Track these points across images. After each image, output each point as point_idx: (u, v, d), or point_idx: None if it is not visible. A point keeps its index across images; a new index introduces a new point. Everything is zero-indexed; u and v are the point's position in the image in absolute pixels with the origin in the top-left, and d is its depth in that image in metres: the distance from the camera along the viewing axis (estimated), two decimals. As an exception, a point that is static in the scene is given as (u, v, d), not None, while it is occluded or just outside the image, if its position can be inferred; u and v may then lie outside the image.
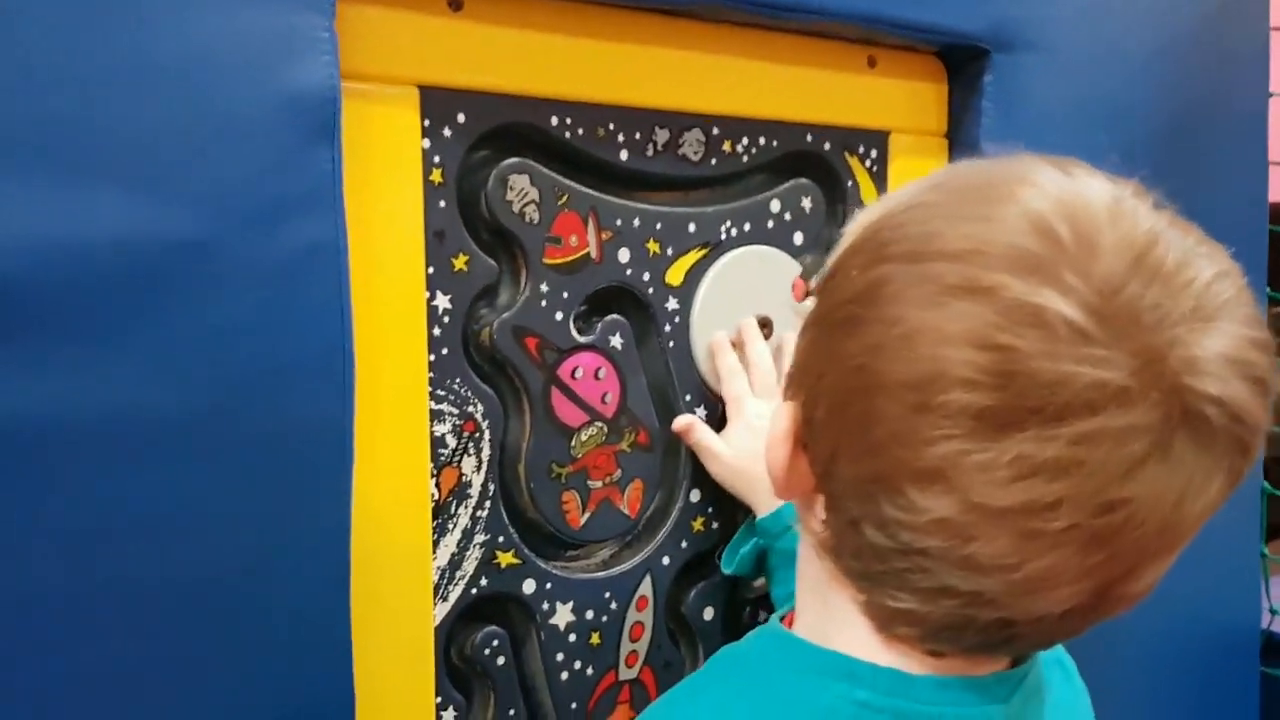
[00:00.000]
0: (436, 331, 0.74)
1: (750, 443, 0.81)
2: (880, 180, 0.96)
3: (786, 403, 0.48)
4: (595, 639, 0.83)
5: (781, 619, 0.55)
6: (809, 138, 0.91)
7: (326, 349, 0.63)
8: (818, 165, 0.92)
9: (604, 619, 0.83)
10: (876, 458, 0.42)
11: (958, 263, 0.41)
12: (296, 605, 0.63)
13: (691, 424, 0.85)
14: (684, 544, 0.87)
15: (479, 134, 0.75)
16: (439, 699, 0.75)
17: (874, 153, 0.95)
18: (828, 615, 0.49)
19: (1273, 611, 1.32)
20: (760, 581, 0.89)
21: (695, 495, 0.88)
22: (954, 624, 0.44)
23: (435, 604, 0.75)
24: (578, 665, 0.82)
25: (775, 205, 0.90)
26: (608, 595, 0.83)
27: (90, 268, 0.55)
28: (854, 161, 0.95)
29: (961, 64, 0.97)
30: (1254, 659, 1.28)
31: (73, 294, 0.55)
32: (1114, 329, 0.38)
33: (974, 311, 0.39)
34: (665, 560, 0.86)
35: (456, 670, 0.77)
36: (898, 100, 0.96)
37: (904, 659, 0.47)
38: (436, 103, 0.72)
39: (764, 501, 0.81)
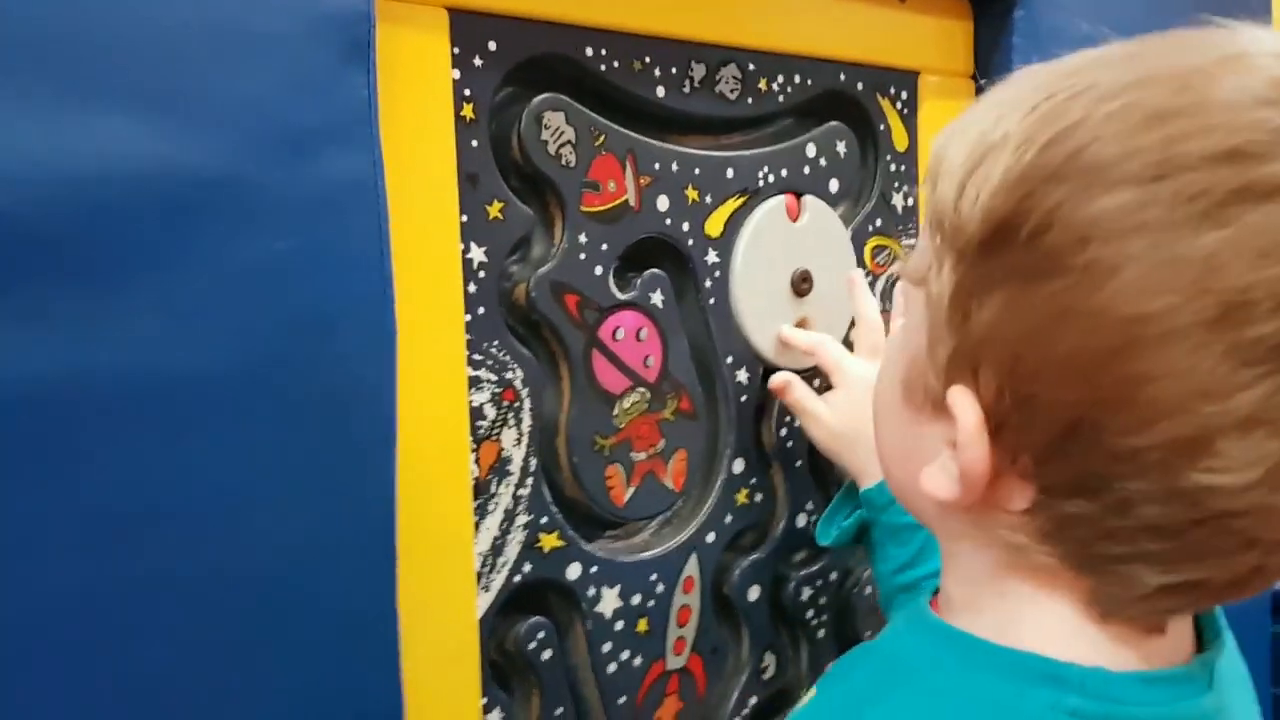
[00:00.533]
0: (472, 288, 0.65)
1: (856, 406, 0.73)
2: (910, 124, 0.90)
3: (959, 392, 0.39)
4: (642, 626, 0.75)
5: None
6: (842, 77, 0.85)
7: (367, 298, 0.54)
8: (851, 107, 0.86)
9: (650, 604, 0.76)
10: (1163, 421, 0.35)
11: (1223, 166, 0.34)
12: (341, 598, 0.55)
13: (789, 382, 0.78)
14: (729, 519, 0.80)
15: (511, 65, 0.66)
16: (485, 699, 0.67)
17: (904, 94, 0.89)
18: (1011, 609, 0.42)
19: None
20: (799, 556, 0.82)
21: (739, 466, 0.81)
22: (1236, 580, 0.37)
23: (478, 594, 0.67)
24: (625, 655, 0.75)
25: (811, 150, 0.83)
26: (654, 578, 0.76)
27: (100, 205, 0.46)
28: (885, 104, 0.88)
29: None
30: (1265, 616, 1.26)
31: (80, 235, 0.46)
32: None
33: (1269, 218, 0.33)
34: (710, 537, 0.79)
35: (499, 666, 0.69)
36: (927, 38, 0.90)
37: (1112, 649, 0.40)
38: (467, 27, 0.64)
39: (869, 470, 0.73)
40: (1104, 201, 0.35)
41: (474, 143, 0.65)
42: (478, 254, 0.65)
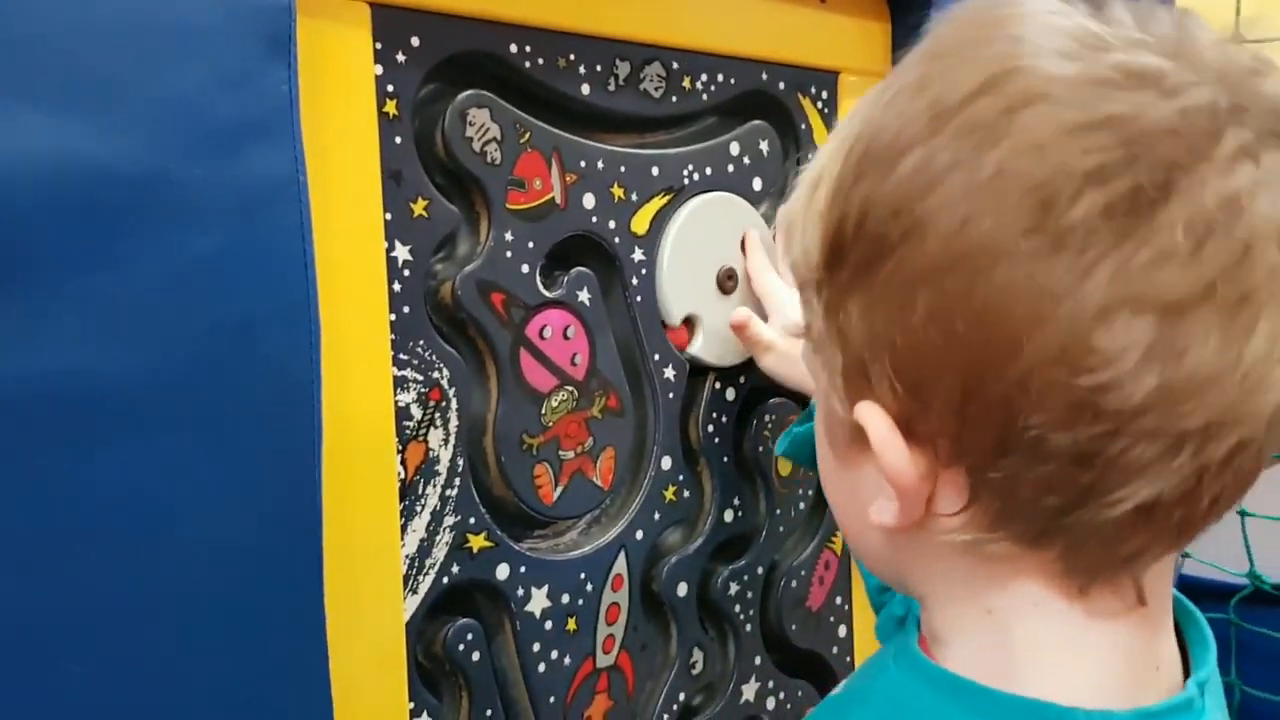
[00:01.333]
0: (397, 287, 0.64)
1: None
2: (831, 123, 0.91)
3: (866, 406, 0.39)
4: (571, 625, 0.75)
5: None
6: (764, 76, 0.85)
7: (291, 298, 0.53)
8: (773, 107, 0.87)
9: (580, 602, 0.76)
10: (1031, 341, 0.35)
11: (982, 97, 0.36)
12: (268, 603, 0.54)
13: (750, 317, 0.81)
14: (657, 515, 0.81)
15: (435, 61, 0.66)
16: (412, 704, 0.66)
17: (825, 94, 0.90)
18: (998, 629, 0.41)
19: (1256, 576, 1.33)
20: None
21: (667, 463, 0.81)
22: (1185, 493, 0.36)
23: (405, 597, 0.66)
24: (554, 655, 0.74)
25: (735, 148, 0.84)
26: (583, 576, 0.76)
27: (13, 204, 0.44)
28: (806, 103, 0.89)
29: (904, 1, 0.93)
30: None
31: (-10, 236, 0.44)
32: (1190, 62, 0.36)
33: (1035, 119, 0.35)
34: (639, 534, 0.79)
35: (427, 670, 0.69)
36: (846, 39, 0.91)
37: (1111, 663, 0.40)
38: (389, 22, 0.63)
39: None
40: (898, 173, 0.37)
41: (397, 139, 0.64)
42: (402, 252, 0.65)
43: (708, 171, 0.82)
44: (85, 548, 0.48)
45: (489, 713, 0.71)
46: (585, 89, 0.74)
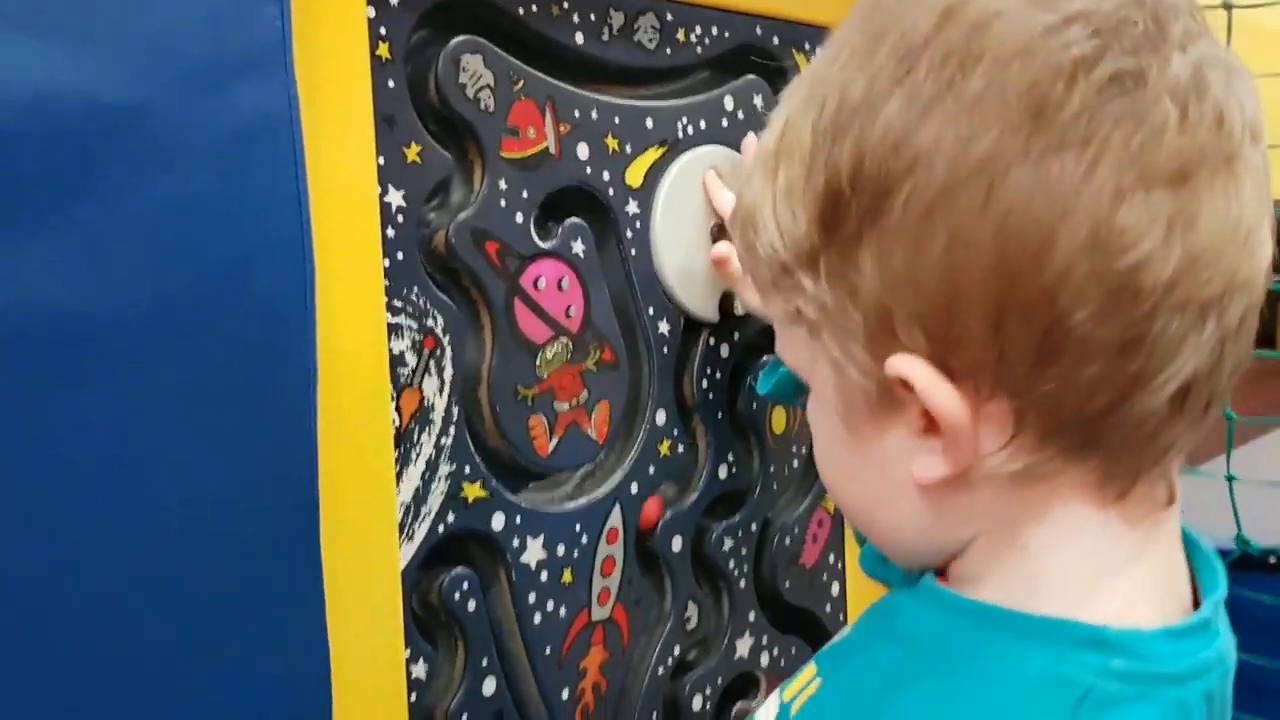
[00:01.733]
0: (390, 232, 0.64)
1: None
2: (825, 80, 0.91)
3: (900, 358, 0.38)
4: (567, 577, 0.75)
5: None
6: (758, 30, 0.85)
7: (284, 238, 0.53)
8: (767, 61, 0.86)
9: (575, 554, 0.76)
10: (1060, 235, 0.35)
11: (948, 27, 0.37)
12: (264, 549, 0.54)
13: (730, 252, 0.78)
14: (651, 470, 0.80)
15: (428, 5, 0.65)
16: (408, 651, 0.66)
17: (818, 49, 0.90)
18: (1034, 561, 0.40)
19: (1244, 541, 1.33)
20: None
21: (661, 418, 0.81)
22: (1211, 366, 0.37)
23: (401, 544, 0.66)
24: (550, 606, 0.74)
25: (729, 102, 0.84)
26: (578, 528, 0.76)
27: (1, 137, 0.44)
28: (800, 58, 0.89)
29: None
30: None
31: (-21, 162, 0.43)
32: None
33: (1003, 31, 0.36)
34: (634, 488, 0.79)
35: (423, 620, 0.68)
36: (841, -6, 0.91)
37: (1135, 589, 0.40)
38: (382, -36, 0.62)
39: None
40: (885, 115, 0.37)
41: (390, 83, 0.63)
42: (395, 198, 0.64)
43: (701, 125, 0.81)
44: (72, 485, 0.47)
45: (485, 662, 0.71)
46: (579, 38, 0.73)
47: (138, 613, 0.50)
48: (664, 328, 0.80)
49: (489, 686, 0.71)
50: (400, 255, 0.64)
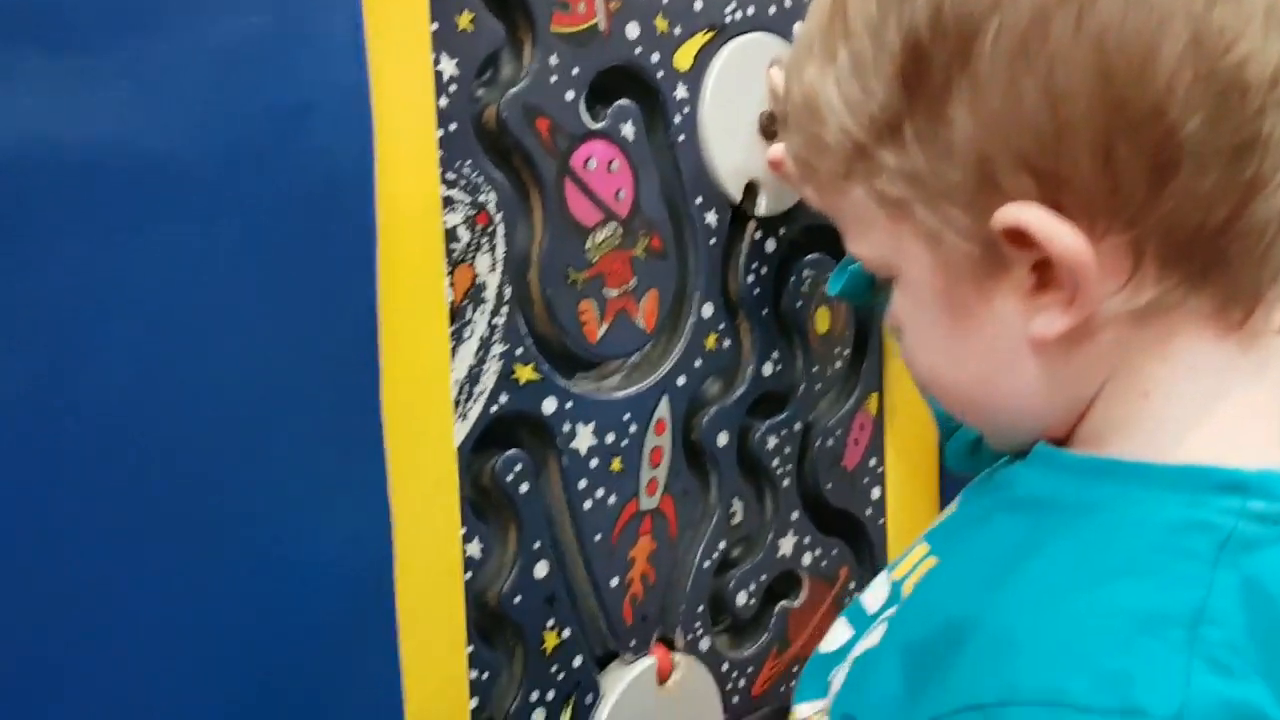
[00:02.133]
0: (443, 102, 0.63)
1: None
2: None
3: (1006, 211, 0.37)
4: (616, 465, 0.75)
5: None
6: (805, -82, 0.83)
7: (345, 85, 0.52)
8: (814, -50, 0.84)
9: (624, 443, 0.75)
10: (1162, 41, 0.35)
11: None
12: (325, 396, 0.53)
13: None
14: (698, 363, 0.80)
15: None
16: (464, 529, 0.66)
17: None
18: (1155, 415, 0.39)
19: None
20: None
21: (708, 310, 0.80)
22: None
23: (455, 423, 0.65)
24: (600, 493, 0.74)
25: (777, -12, 0.82)
26: (627, 417, 0.75)
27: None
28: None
29: None
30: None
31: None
32: None
33: None
34: (681, 380, 0.78)
35: (475, 501, 0.68)
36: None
37: (1266, 403, 0.39)
38: None
39: None
40: None
41: (443, -55, 0.62)
42: (448, 66, 0.63)
43: (750, 11, 0.80)
44: (135, 325, 0.46)
45: (537, 546, 0.70)
46: (629, -87, 0.71)
47: (198, 462, 0.49)
48: (710, 219, 0.79)
49: (541, 570, 0.70)
50: (454, 126, 0.63)
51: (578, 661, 0.73)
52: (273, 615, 0.52)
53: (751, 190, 0.80)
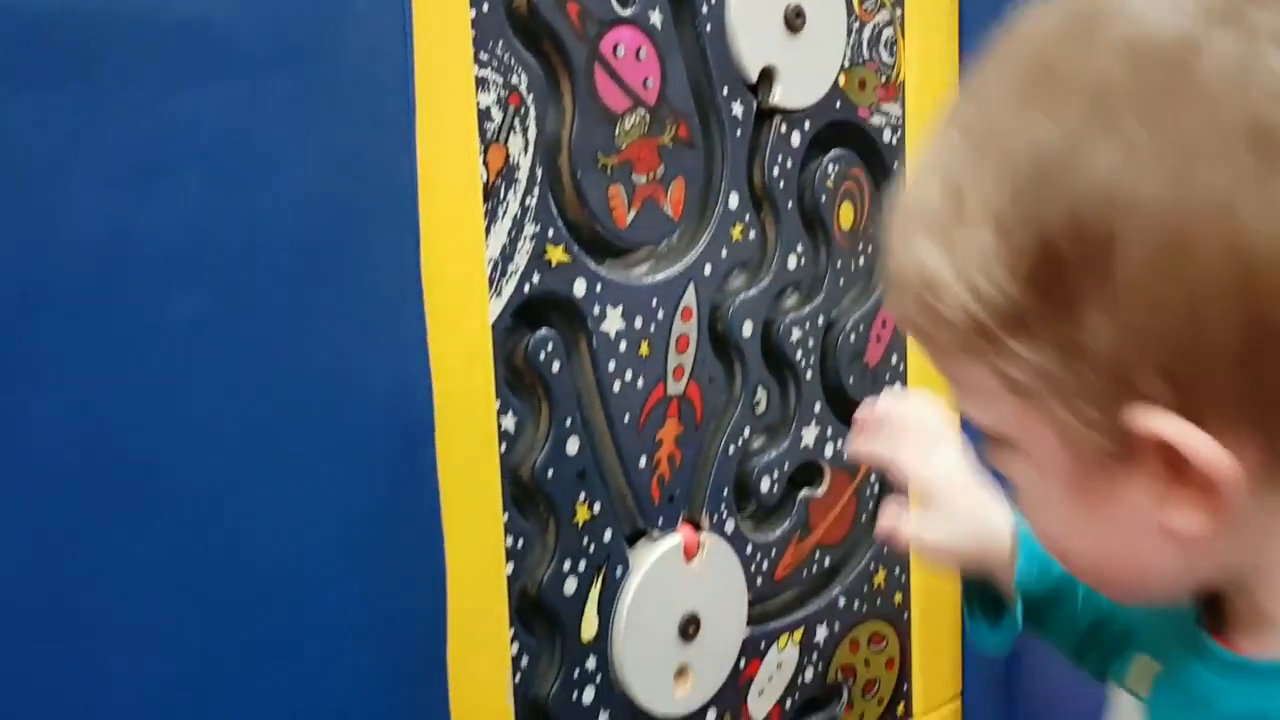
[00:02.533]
0: (476, -17, 0.64)
1: (955, 504, 0.62)
2: None
3: (1139, 413, 0.36)
4: (644, 349, 0.77)
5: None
6: None
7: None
8: None
9: (652, 328, 0.77)
10: None
11: (1146, 64, 0.35)
12: (368, 271, 0.55)
13: (897, 521, 0.62)
14: (724, 253, 0.82)
15: None
16: (499, 403, 0.68)
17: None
18: None
19: None
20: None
21: (734, 201, 0.82)
22: None
23: (490, 298, 0.67)
24: (628, 376, 0.76)
25: (801, -118, 0.82)
26: (654, 303, 0.77)
27: None
28: None
29: None
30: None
31: None
32: None
33: (1218, 54, 0.34)
34: (707, 269, 0.80)
35: (509, 380, 0.70)
36: None
37: None
38: None
39: (1006, 561, 0.61)
40: (1095, 166, 0.35)
41: None
42: (482, -53, 0.64)
43: (776, -97, 0.80)
44: (184, 173, 0.49)
45: (568, 423, 0.73)
46: None
47: (253, 294, 0.52)
48: (737, 110, 0.80)
49: (572, 446, 0.73)
50: (485, 7, 0.65)
51: (608, 535, 0.76)
52: (322, 455, 0.55)
53: (768, 78, 0.81)
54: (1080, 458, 0.39)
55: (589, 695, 0.76)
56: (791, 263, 0.87)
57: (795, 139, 0.85)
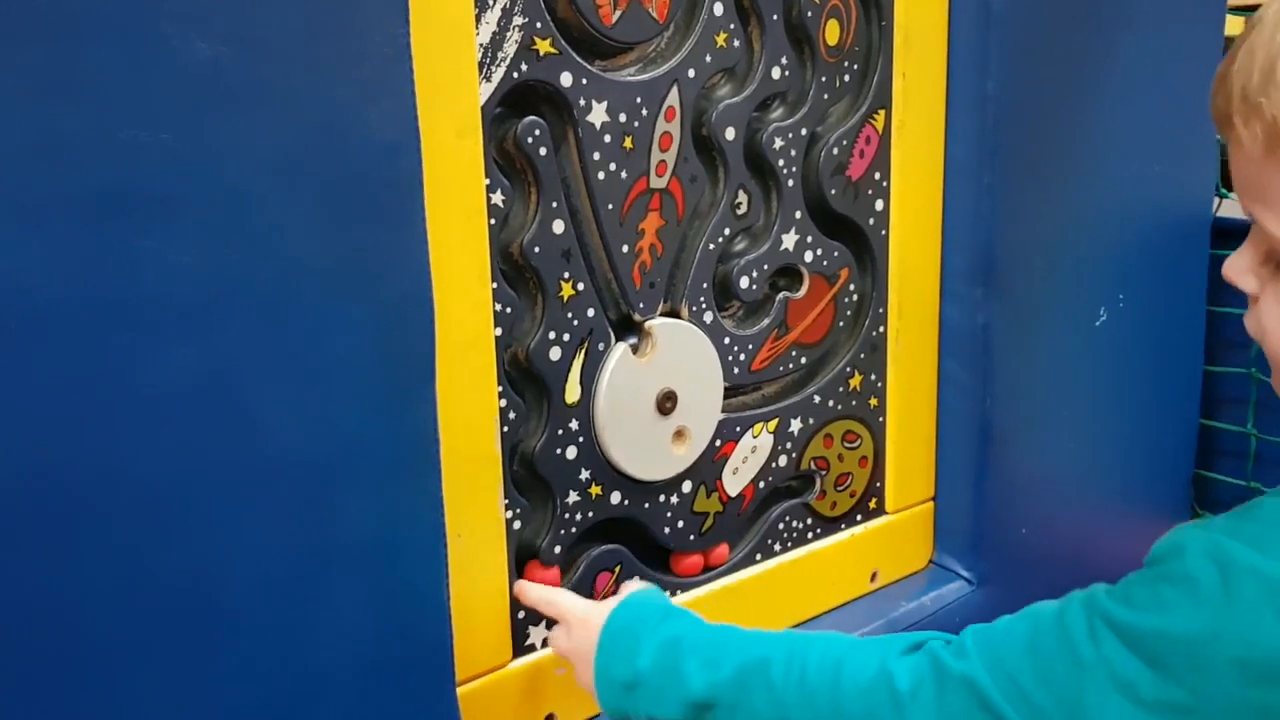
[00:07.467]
0: None
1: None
2: None
3: None
4: (628, 143, 0.83)
5: None
6: None
7: None
8: None
9: (635, 124, 0.83)
10: None
11: None
12: (355, 41, 0.62)
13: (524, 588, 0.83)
14: (708, 58, 0.87)
15: None
16: (488, 181, 0.75)
17: None
18: None
19: (1221, 195, 1.37)
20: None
21: (719, 9, 0.86)
22: None
23: (480, 83, 0.74)
24: (612, 167, 0.83)
25: None
26: (639, 100, 0.83)
27: None
28: None
29: None
30: (1204, 242, 1.34)
31: None
32: None
33: None
34: (691, 73, 0.86)
35: (500, 165, 0.77)
36: None
37: None
38: None
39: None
40: None
41: None
42: None
43: None
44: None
45: (555, 205, 0.80)
46: None
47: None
48: (723, -79, 0.85)
49: (558, 227, 0.80)
50: None
51: (591, 312, 0.83)
52: (312, 211, 0.63)
53: None
54: None
55: (571, 453, 0.85)
56: (776, 74, 0.92)
57: (781, -48, 0.90)
